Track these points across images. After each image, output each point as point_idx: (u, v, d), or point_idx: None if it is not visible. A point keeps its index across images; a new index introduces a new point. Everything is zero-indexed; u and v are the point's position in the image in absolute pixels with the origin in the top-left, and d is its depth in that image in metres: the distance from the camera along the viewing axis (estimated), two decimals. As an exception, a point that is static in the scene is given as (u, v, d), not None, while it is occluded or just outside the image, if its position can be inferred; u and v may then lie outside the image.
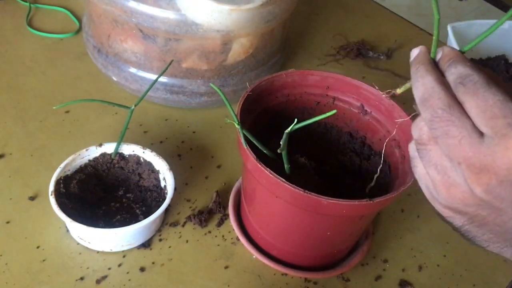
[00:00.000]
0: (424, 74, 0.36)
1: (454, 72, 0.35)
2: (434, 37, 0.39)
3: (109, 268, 0.58)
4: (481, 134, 0.32)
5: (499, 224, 0.34)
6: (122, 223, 0.57)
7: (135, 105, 0.59)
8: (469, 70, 0.34)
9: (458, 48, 0.41)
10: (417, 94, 0.36)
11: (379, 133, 0.60)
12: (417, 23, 1.11)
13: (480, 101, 0.33)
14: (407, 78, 0.42)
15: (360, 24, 1.05)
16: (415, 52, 0.39)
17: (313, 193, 0.47)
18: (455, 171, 0.34)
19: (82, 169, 0.62)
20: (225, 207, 0.65)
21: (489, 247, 0.36)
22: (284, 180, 0.47)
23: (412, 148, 0.38)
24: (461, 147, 0.33)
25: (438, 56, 0.38)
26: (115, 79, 0.77)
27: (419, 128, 0.37)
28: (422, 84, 0.36)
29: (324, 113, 0.46)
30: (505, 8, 2.24)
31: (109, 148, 0.63)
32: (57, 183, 0.58)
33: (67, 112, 0.74)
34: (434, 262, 0.65)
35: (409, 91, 0.40)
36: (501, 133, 0.31)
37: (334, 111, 0.47)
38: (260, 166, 0.49)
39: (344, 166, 0.61)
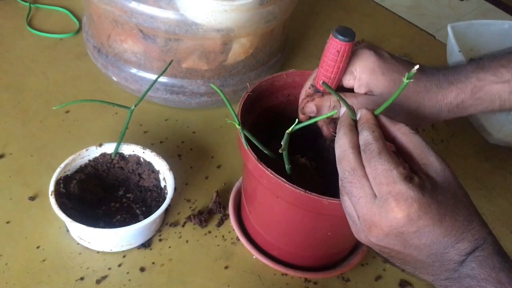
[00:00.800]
0: (341, 136, 0.44)
1: (361, 138, 0.43)
2: (346, 107, 0.45)
3: (109, 268, 0.58)
4: (374, 194, 0.40)
5: (402, 260, 0.42)
6: (122, 223, 0.57)
7: (135, 105, 0.59)
8: (370, 139, 0.42)
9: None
10: (336, 153, 0.43)
11: (379, 133, 0.60)
12: (417, 23, 1.11)
13: (372, 169, 0.40)
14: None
15: (360, 24, 1.05)
16: (341, 114, 0.46)
17: (313, 193, 0.47)
18: (358, 223, 0.42)
19: (82, 169, 0.62)
20: (225, 207, 0.65)
21: (417, 275, 0.43)
22: (284, 180, 0.47)
23: (339, 184, 0.44)
24: (359, 205, 0.41)
25: (358, 116, 0.45)
26: (115, 79, 0.77)
27: (340, 179, 0.43)
28: (339, 146, 0.43)
29: (325, 113, 0.46)
30: (505, 8, 2.24)
31: (109, 148, 0.63)
32: (57, 183, 0.58)
33: (67, 112, 0.74)
34: (434, 262, 0.64)
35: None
36: (384, 198, 0.39)
37: (334, 111, 0.47)
38: (260, 166, 0.49)
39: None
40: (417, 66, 0.43)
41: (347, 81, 0.53)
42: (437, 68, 0.54)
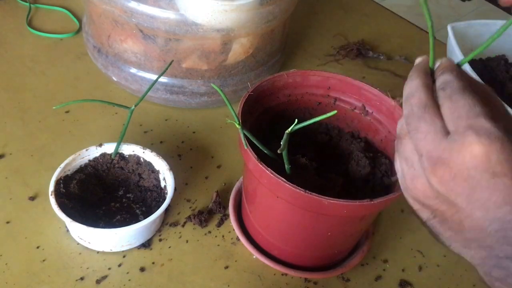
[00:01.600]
0: (414, 78, 0.39)
1: (440, 79, 0.38)
2: (430, 46, 0.41)
3: (109, 268, 0.58)
4: (447, 132, 0.34)
5: (457, 222, 0.35)
6: (122, 223, 0.57)
7: (135, 105, 0.59)
8: (452, 77, 0.37)
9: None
10: (404, 93, 0.39)
11: (380, 134, 0.60)
12: (417, 23, 1.11)
13: (452, 103, 0.35)
14: (406, 78, 0.44)
15: (360, 24, 1.05)
16: (417, 61, 0.41)
17: (314, 193, 0.47)
18: (418, 163, 0.36)
19: (82, 169, 0.62)
20: (225, 207, 0.65)
21: (451, 246, 0.37)
22: (285, 180, 0.47)
23: (398, 127, 0.40)
24: (425, 141, 0.35)
25: (436, 66, 0.40)
26: (115, 79, 0.77)
27: (400, 124, 0.39)
28: (409, 86, 0.38)
29: (325, 113, 0.46)
30: (505, 8, 2.24)
31: (109, 148, 0.63)
32: (57, 183, 0.58)
33: (67, 112, 0.74)
34: (434, 262, 0.65)
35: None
36: (461, 132, 0.33)
37: (334, 112, 0.47)
38: (261, 166, 0.49)
39: (345, 166, 0.61)
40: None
41: None
42: None
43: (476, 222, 0.33)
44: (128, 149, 0.64)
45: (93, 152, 0.63)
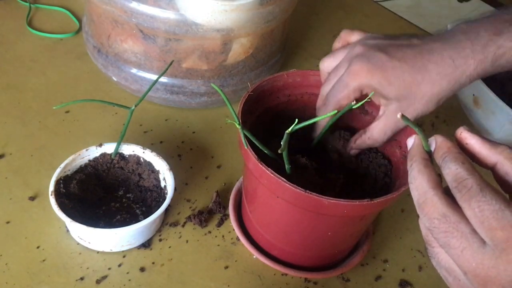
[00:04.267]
0: (417, 175, 0.37)
1: (449, 173, 0.35)
2: (420, 136, 0.39)
3: (109, 268, 0.58)
4: (481, 241, 0.33)
5: None
6: (122, 223, 0.57)
7: (135, 105, 0.59)
8: (463, 172, 0.34)
9: None
10: (413, 196, 0.37)
11: (379, 133, 0.60)
12: (417, 23, 1.11)
13: (477, 211, 0.33)
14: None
15: (360, 24, 1.05)
16: (409, 143, 0.40)
17: (314, 193, 0.47)
18: (463, 277, 0.34)
19: (82, 169, 0.62)
20: (225, 207, 0.65)
21: None
22: (285, 180, 0.47)
23: (423, 233, 0.38)
24: (464, 258, 0.33)
25: (432, 147, 0.38)
26: (115, 79, 0.77)
27: (424, 228, 0.37)
28: (416, 188, 0.36)
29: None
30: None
31: (109, 148, 0.63)
32: (57, 183, 0.58)
33: (67, 112, 0.74)
34: (434, 262, 0.64)
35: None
36: (501, 247, 0.31)
37: (334, 112, 0.47)
38: (261, 166, 0.49)
39: (345, 166, 0.61)
40: (399, 115, 0.39)
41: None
42: (442, 39, 0.51)
43: None
44: (128, 149, 0.64)
45: (93, 152, 0.63)
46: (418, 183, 0.36)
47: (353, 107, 0.53)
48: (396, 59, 0.51)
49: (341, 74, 0.53)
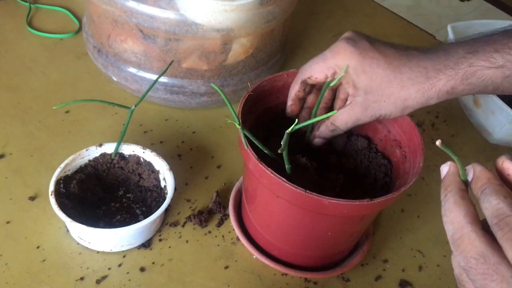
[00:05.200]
0: (452, 208, 0.34)
1: (488, 208, 0.33)
2: (457, 163, 0.37)
3: (109, 268, 0.58)
4: None
5: None
6: (122, 223, 0.57)
7: (135, 105, 0.59)
8: (505, 208, 0.32)
9: None
10: (447, 230, 0.35)
11: (380, 133, 0.60)
12: (417, 23, 1.11)
13: None
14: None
15: (360, 24, 1.05)
16: (444, 171, 0.38)
17: (314, 193, 0.47)
18: None
19: (82, 169, 0.62)
20: (225, 207, 0.65)
21: None
22: (285, 179, 0.47)
23: (456, 272, 0.36)
24: None
25: (470, 176, 0.36)
26: (115, 79, 0.77)
27: (457, 267, 0.35)
28: (451, 221, 0.34)
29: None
30: (505, 8, 2.24)
31: (109, 148, 0.63)
32: (57, 183, 0.58)
33: (67, 112, 0.74)
34: (434, 262, 0.64)
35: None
36: None
37: (334, 112, 0.47)
38: (261, 166, 0.49)
39: (345, 166, 0.61)
40: (438, 143, 0.36)
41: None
42: (424, 51, 0.52)
43: None
44: (128, 149, 0.64)
45: (93, 152, 0.63)
46: (454, 217, 0.34)
47: (331, 84, 0.54)
48: (377, 51, 0.52)
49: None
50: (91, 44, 0.79)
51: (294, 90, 0.57)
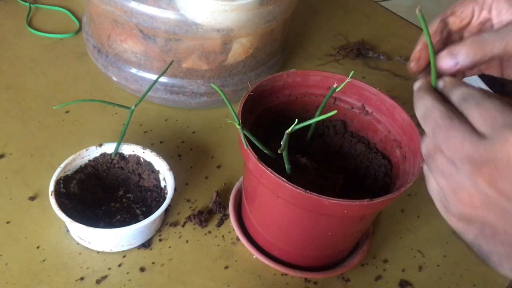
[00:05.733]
0: (424, 95, 0.38)
1: (457, 93, 0.37)
2: (432, 65, 0.41)
3: (109, 268, 0.58)
4: (482, 135, 0.33)
5: (509, 232, 0.33)
6: (122, 223, 0.57)
7: (135, 105, 0.59)
8: (469, 89, 0.37)
9: None
10: (418, 113, 0.38)
11: (380, 134, 0.60)
12: (417, 23, 1.11)
13: (481, 109, 0.34)
14: (406, 78, 0.43)
15: (360, 24, 1.05)
16: (417, 85, 0.41)
17: (314, 193, 0.47)
18: (460, 172, 0.34)
19: (82, 169, 0.62)
20: (225, 207, 0.65)
21: (503, 265, 0.35)
22: (285, 179, 0.47)
23: (424, 167, 0.39)
24: (462, 146, 0.34)
25: (440, 85, 0.40)
26: (115, 79, 0.77)
27: (425, 144, 0.38)
28: (422, 104, 0.38)
29: (326, 113, 0.46)
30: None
31: (109, 148, 0.63)
32: (57, 183, 0.58)
33: (67, 112, 0.74)
34: (434, 262, 0.64)
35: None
36: (499, 130, 0.32)
37: (334, 112, 0.47)
38: (261, 166, 0.49)
39: (345, 166, 0.61)
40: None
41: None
42: None
43: None
44: (128, 149, 0.64)
45: (93, 152, 0.63)
46: (425, 100, 0.38)
47: (336, 90, 0.53)
48: None
49: None
50: (91, 44, 0.79)
51: (432, 28, 0.48)
